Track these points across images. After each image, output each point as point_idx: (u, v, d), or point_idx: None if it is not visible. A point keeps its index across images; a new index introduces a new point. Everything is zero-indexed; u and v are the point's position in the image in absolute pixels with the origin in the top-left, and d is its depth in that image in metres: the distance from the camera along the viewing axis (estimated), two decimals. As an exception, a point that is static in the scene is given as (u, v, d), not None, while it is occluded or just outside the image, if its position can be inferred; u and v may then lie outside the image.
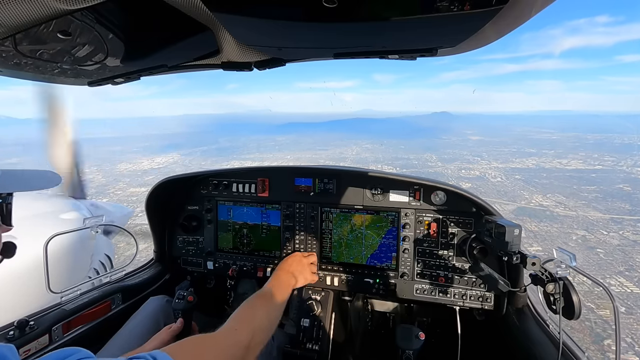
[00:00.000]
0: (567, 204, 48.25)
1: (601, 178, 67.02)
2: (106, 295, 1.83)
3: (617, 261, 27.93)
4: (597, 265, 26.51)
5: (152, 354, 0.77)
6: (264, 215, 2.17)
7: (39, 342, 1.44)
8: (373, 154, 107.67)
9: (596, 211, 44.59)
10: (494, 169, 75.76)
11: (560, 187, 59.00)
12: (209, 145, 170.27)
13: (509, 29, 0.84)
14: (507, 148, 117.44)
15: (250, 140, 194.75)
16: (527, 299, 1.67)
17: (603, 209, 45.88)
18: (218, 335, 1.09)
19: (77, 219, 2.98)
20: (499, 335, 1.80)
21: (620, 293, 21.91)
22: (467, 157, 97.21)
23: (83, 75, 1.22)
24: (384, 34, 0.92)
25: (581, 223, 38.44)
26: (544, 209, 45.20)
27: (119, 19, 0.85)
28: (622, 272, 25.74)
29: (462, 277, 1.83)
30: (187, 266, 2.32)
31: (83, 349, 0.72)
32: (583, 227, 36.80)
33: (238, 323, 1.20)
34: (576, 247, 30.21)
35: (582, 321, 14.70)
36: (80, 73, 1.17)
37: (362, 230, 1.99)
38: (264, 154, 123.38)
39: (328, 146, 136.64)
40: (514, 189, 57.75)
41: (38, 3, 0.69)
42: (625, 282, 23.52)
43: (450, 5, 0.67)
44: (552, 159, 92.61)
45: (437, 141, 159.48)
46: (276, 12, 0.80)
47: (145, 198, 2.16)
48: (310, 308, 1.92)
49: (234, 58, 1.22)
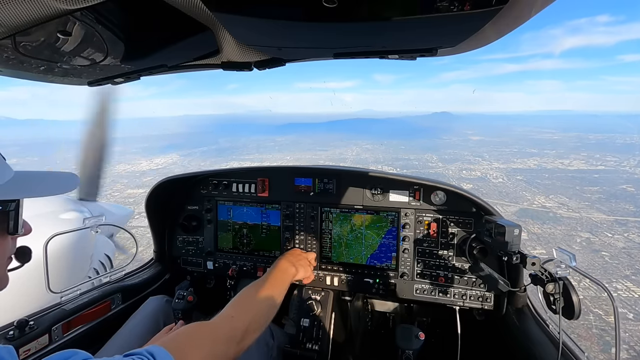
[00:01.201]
0: (570, 205, 47.92)
1: (604, 179, 66.64)
2: (106, 295, 1.82)
3: (623, 265, 27.51)
4: (602, 269, 25.99)
5: (148, 349, 0.76)
6: (264, 215, 2.17)
7: (39, 342, 1.44)
8: (373, 155, 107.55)
9: (600, 213, 44.24)
10: (495, 170, 75.58)
11: (562, 187, 58.65)
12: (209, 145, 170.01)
13: (509, 29, 0.84)
14: (509, 148, 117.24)
15: (250, 141, 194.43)
16: (527, 299, 1.67)
17: (607, 210, 45.55)
18: (214, 322, 1.09)
19: (77, 219, 2.98)
20: (499, 335, 1.80)
21: (627, 298, 21.43)
22: (468, 157, 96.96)
23: (83, 75, 1.21)
24: (384, 34, 0.92)
25: (585, 225, 38.07)
26: (547, 211, 44.95)
27: (119, 19, 0.85)
28: (628, 276, 25.22)
29: (462, 277, 1.83)
30: (187, 266, 2.32)
31: (81, 350, 0.72)
32: (587, 229, 36.47)
33: (235, 310, 1.19)
34: (580, 250, 29.84)
35: (589, 328, 14.56)
36: (80, 73, 1.17)
37: (362, 230, 1.99)
38: (264, 154, 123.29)
39: (328, 147, 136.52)
40: (515, 190, 57.49)
41: (38, 3, 0.69)
42: (633, 286, 22.99)
43: (450, 5, 0.67)
44: (554, 159, 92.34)
45: (438, 141, 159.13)
46: (276, 12, 0.80)
47: (145, 198, 2.16)
48: (310, 308, 1.92)
49: (234, 58, 1.22)
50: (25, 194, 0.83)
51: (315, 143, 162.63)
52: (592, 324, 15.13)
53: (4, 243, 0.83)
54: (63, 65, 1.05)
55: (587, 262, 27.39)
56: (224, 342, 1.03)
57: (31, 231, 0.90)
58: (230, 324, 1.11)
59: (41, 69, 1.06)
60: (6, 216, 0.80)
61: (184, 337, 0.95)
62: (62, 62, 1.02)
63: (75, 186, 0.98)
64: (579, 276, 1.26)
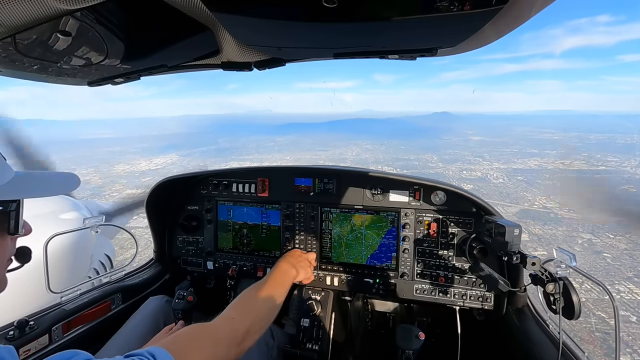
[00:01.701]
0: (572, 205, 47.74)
1: (606, 179, 66.13)
2: (106, 295, 1.82)
3: (625, 266, 27.03)
4: (604, 271, 25.47)
5: (149, 350, 0.76)
6: (264, 215, 2.17)
7: (39, 342, 1.44)
8: (373, 155, 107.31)
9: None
10: (495, 170, 75.14)
11: (563, 188, 58.34)
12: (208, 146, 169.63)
13: (509, 29, 0.84)
14: (509, 148, 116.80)
15: (249, 141, 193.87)
16: (527, 299, 1.67)
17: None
18: (215, 324, 1.09)
19: (77, 219, 2.98)
20: (499, 335, 1.80)
21: (630, 301, 21.16)
22: (469, 157, 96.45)
23: (83, 75, 1.21)
24: (384, 34, 0.92)
25: (586, 226, 37.47)
26: (548, 211, 44.40)
27: (119, 19, 0.85)
28: (630, 278, 24.84)
29: (462, 277, 1.83)
30: (187, 266, 2.32)
31: (82, 351, 0.72)
32: (588, 230, 35.91)
33: (236, 311, 1.20)
34: (582, 251, 29.38)
35: (592, 332, 14.44)
36: (80, 73, 1.17)
37: (362, 230, 1.99)
38: (263, 154, 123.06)
39: (328, 147, 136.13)
40: (516, 190, 56.97)
41: (38, 3, 0.69)
42: (635, 288, 22.69)
43: (450, 5, 0.67)
44: (555, 159, 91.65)
45: (438, 141, 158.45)
46: (276, 12, 0.80)
47: (145, 198, 2.16)
48: (310, 308, 1.92)
49: (234, 58, 1.22)
50: (25, 194, 0.83)
51: (315, 143, 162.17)
52: (594, 327, 15.00)
53: (3, 244, 0.83)
54: (63, 65, 1.04)
55: (589, 264, 27.11)
56: (225, 343, 1.03)
57: (31, 231, 0.90)
58: (231, 325, 1.11)
59: (41, 69, 1.06)
60: (6, 216, 0.80)
61: (184, 339, 0.96)
62: (62, 62, 1.02)
63: (76, 186, 0.98)
64: (581, 278, 1.26)
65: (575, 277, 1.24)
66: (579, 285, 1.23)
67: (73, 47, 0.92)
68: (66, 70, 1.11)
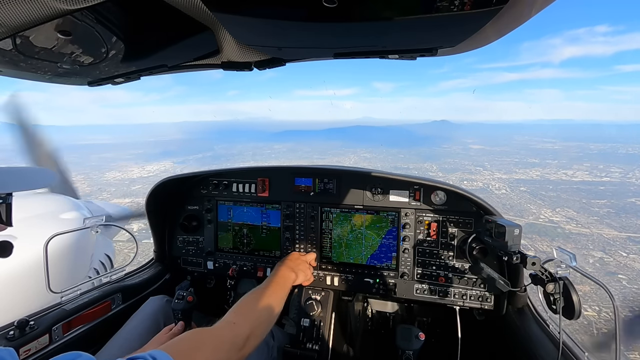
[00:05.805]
0: (579, 220, 45.20)
1: (611, 191, 64.06)
2: (106, 295, 1.82)
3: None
4: (621, 295, 22.89)
5: (150, 354, 0.77)
6: (264, 215, 2.17)
7: (39, 342, 1.44)
8: (371, 163, 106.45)
9: (611, 229, 41.53)
10: (497, 180, 73.55)
11: (568, 200, 56.18)
12: (204, 152, 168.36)
13: (509, 29, 0.84)
14: (509, 158, 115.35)
15: (246, 148, 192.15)
16: (527, 299, 1.67)
17: (618, 226, 42.83)
18: (216, 329, 1.09)
19: (77, 219, 2.98)
20: (499, 335, 1.80)
21: None
22: (469, 167, 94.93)
23: (83, 75, 1.21)
24: (384, 34, 0.92)
25: (597, 242, 35.36)
26: (555, 226, 42.61)
27: (119, 19, 0.85)
28: None
29: (462, 277, 1.83)
30: (187, 266, 2.32)
31: (84, 353, 0.72)
32: (599, 247, 33.87)
33: (237, 316, 1.20)
34: (595, 272, 27.85)
35: (593, 335, 14.23)
36: (80, 73, 1.17)
37: (362, 230, 1.99)
38: (260, 162, 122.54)
39: (326, 155, 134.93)
40: (520, 202, 55.33)
41: (38, 3, 0.69)
42: None
43: (450, 5, 0.67)
44: (557, 169, 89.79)
45: (438, 150, 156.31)
46: (276, 12, 0.80)
47: (145, 198, 2.16)
48: (310, 308, 1.92)
49: (234, 58, 1.22)
50: (2, 188, 0.84)
51: (313, 151, 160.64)
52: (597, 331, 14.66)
53: None
54: (63, 65, 1.05)
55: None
56: (226, 348, 1.04)
57: (6, 228, 0.90)
58: (232, 330, 1.11)
59: (41, 69, 1.06)
60: None
61: (186, 343, 0.96)
62: (62, 62, 1.02)
63: (51, 182, 0.98)
64: (585, 282, 1.25)
65: (580, 280, 1.24)
66: (582, 292, 1.22)
67: (73, 47, 0.92)
68: (66, 70, 1.11)
